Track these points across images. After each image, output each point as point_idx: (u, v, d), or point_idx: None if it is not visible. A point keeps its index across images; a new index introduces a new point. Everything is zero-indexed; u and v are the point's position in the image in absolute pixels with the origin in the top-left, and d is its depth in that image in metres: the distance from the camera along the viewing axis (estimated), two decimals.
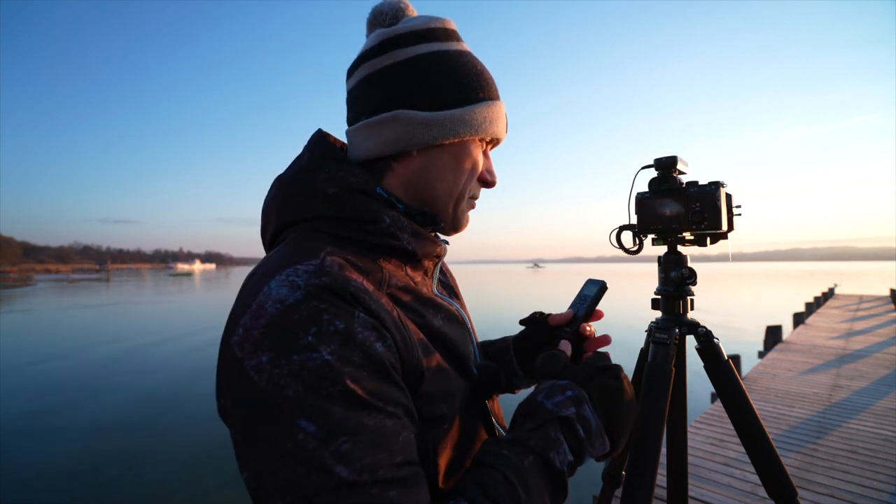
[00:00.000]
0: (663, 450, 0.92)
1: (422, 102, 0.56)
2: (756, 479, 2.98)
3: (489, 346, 0.81)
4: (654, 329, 0.96)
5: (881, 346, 7.59)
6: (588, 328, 0.72)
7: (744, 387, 0.92)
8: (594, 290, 0.72)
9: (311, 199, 0.54)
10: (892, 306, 14.08)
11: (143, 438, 6.37)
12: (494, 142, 0.64)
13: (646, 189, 0.96)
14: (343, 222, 0.54)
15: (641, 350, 1.02)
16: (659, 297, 0.97)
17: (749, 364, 6.93)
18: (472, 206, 0.64)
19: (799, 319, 11.17)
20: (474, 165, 0.60)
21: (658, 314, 0.98)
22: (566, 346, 0.64)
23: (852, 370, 6.05)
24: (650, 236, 0.98)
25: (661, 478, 1.13)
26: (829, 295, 17.93)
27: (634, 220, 0.98)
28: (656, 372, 0.90)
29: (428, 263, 0.61)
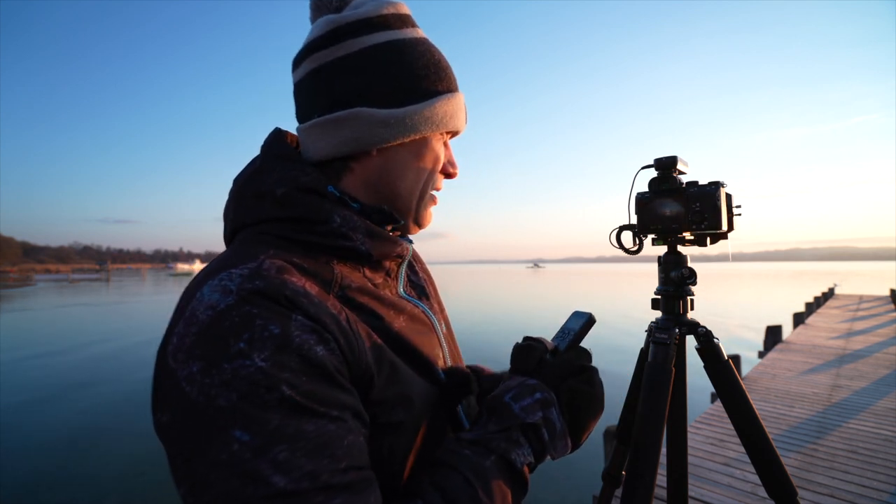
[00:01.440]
0: (663, 450, 0.92)
1: (381, 99, 0.53)
2: (756, 479, 2.97)
3: (480, 374, 0.75)
4: (654, 329, 0.96)
5: (881, 346, 7.58)
6: None
7: (744, 387, 0.92)
8: (579, 324, 0.66)
9: (261, 200, 0.52)
10: (892, 306, 14.07)
11: (143, 438, 6.37)
12: (454, 132, 0.62)
13: (646, 189, 0.96)
14: (292, 223, 0.51)
15: (641, 350, 1.02)
16: (659, 297, 0.97)
17: (749, 364, 6.92)
18: (434, 202, 0.62)
19: (799, 319, 11.16)
20: (436, 161, 0.59)
21: (658, 314, 0.98)
22: (549, 343, 0.63)
23: (852, 370, 6.05)
24: (650, 236, 0.98)
25: (661, 478, 1.14)
26: (829, 295, 17.92)
27: (634, 220, 0.98)
28: (656, 372, 0.90)
29: (390, 264, 0.58)
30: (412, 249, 0.62)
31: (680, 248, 0.96)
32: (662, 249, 0.98)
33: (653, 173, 0.96)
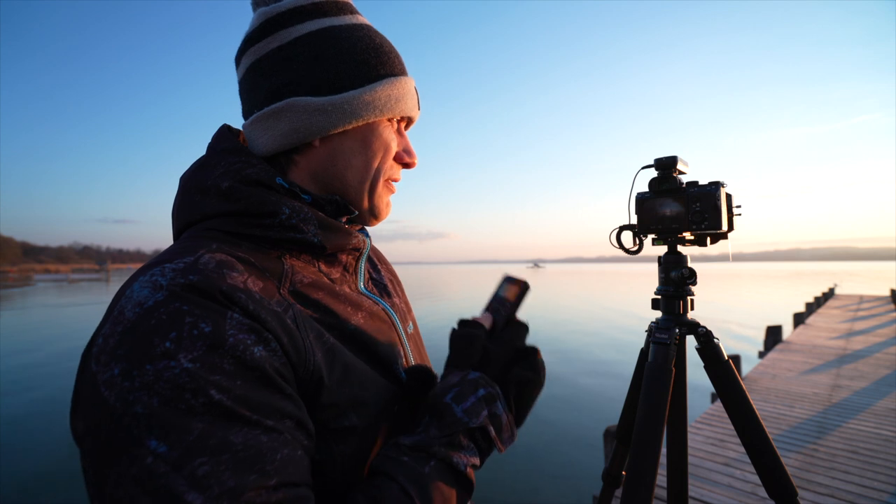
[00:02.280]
0: (663, 450, 0.92)
1: (315, 87, 0.51)
2: (756, 479, 2.98)
3: None
4: (654, 329, 0.96)
5: (881, 347, 7.58)
6: None
7: (744, 387, 0.92)
8: (514, 293, 0.60)
9: (206, 195, 0.50)
10: (893, 306, 14.07)
11: None
12: (407, 120, 0.60)
13: (646, 189, 0.96)
14: (239, 217, 0.49)
15: (641, 350, 1.02)
16: (659, 297, 0.97)
17: (749, 364, 6.93)
18: (392, 190, 0.60)
19: (799, 319, 11.16)
20: (386, 147, 0.56)
21: (658, 314, 0.98)
22: (486, 319, 0.59)
23: (852, 370, 6.05)
24: (650, 236, 0.98)
25: (661, 478, 1.13)
26: (829, 295, 17.92)
27: (634, 220, 0.98)
28: (656, 372, 0.90)
29: (346, 258, 0.56)
30: (369, 244, 0.60)
31: (680, 248, 0.96)
32: (662, 249, 0.97)
33: (653, 173, 0.96)
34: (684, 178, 0.94)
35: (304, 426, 0.42)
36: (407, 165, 0.60)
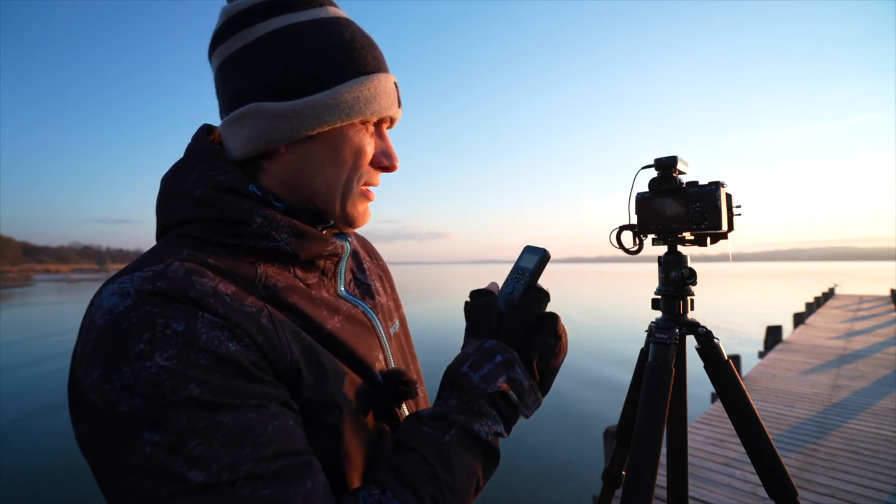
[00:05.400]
0: (663, 450, 0.92)
1: (278, 91, 0.49)
2: (756, 479, 2.97)
3: None
4: (654, 329, 0.96)
5: (881, 347, 7.59)
6: None
7: (744, 387, 0.92)
8: (533, 262, 0.59)
9: (181, 200, 0.49)
10: (893, 306, 14.07)
11: None
12: (386, 120, 0.56)
13: (646, 189, 0.96)
14: (211, 225, 0.48)
15: (641, 350, 1.02)
16: (659, 297, 0.97)
17: (749, 364, 6.92)
18: (370, 198, 0.57)
19: (799, 319, 11.17)
20: (358, 153, 0.53)
21: (658, 314, 0.98)
22: (493, 287, 0.59)
23: (852, 370, 6.05)
24: (650, 236, 0.98)
25: (661, 478, 1.13)
26: (829, 295, 17.93)
27: (634, 220, 0.98)
28: (656, 372, 0.90)
29: (324, 263, 0.55)
30: (349, 249, 0.58)
31: (680, 248, 0.96)
32: (662, 249, 0.97)
33: (653, 173, 0.96)
34: (684, 178, 0.94)
35: (290, 406, 0.43)
36: (386, 169, 0.57)
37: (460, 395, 0.49)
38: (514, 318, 0.55)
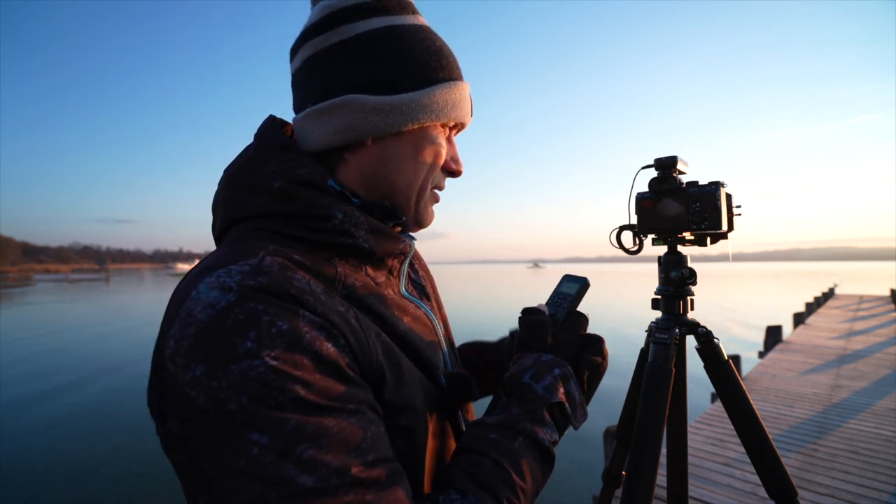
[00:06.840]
0: (663, 450, 0.92)
1: (374, 86, 0.50)
2: (756, 479, 2.97)
3: (484, 350, 0.76)
4: (654, 329, 0.96)
5: (881, 347, 7.58)
6: None
7: (744, 387, 0.92)
8: (574, 289, 0.63)
9: (255, 193, 0.49)
10: (893, 306, 14.07)
11: (143, 438, 6.37)
12: (458, 127, 0.58)
13: (646, 189, 0.96)
14: (290, 219, 0.48)
15: (641, 350, 1.02)
16: (659, 297, 0.97)
17: (749, 364, 6.92)
18: (437, 199, 0.59)
19: (799, 319, 11.16)
20: (437, 154, 0.55)
21: (658, 314, 0.98)
22: (542, 308, 0.62)
23: (852, 370, 6.05)
24: (650, 236, 0.97)
25: (661, 478, 1.13)
26: (829, 295, 17.92)
27: (634, 220, 0.98)
28: (656, 372, 0.90)
29: (392, 262, 0.56)
30: (413, 248, 0.59)
31: (680, 248, 0.96)
32: (662, 249, 0.97)
33: (653, 173, 0.96)
34: (684, 178, 0.94)
35: (377, 410, 0.43)
36: (453, 174, 0.59)
37: (523, 405, 0.51)
38: (566, 337, 0.58)
